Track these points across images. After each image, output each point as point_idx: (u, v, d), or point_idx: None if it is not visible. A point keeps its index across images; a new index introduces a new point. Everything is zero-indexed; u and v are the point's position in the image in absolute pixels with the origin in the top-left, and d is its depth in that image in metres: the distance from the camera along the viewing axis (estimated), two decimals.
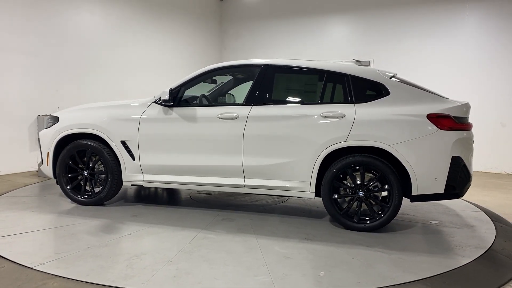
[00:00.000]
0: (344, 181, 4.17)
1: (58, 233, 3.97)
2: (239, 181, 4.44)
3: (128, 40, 8.89)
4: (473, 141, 4.14)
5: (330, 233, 4.07)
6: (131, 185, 4.85)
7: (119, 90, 8.44)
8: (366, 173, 4.09)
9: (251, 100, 4.46)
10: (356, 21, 9.53)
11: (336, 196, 4.17)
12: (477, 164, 8.15)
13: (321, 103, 4.30)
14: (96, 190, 4.94)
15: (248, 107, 4.42)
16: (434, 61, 8.57)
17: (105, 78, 8.41)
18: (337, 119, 4.12)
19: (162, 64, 9.61)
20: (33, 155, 7.28)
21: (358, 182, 4.09)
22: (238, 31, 11.10)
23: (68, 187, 4.97)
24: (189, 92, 4.90)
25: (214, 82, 5.25)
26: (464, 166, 3.96)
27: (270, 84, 4.48)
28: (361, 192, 4.09)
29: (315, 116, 4.20)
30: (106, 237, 3.88)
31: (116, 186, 4.87)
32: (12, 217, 4.43)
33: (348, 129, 4.07)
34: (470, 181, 4.09)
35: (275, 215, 4.72)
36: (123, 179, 4.84)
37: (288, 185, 4.31)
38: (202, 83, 4.92)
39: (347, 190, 4.15)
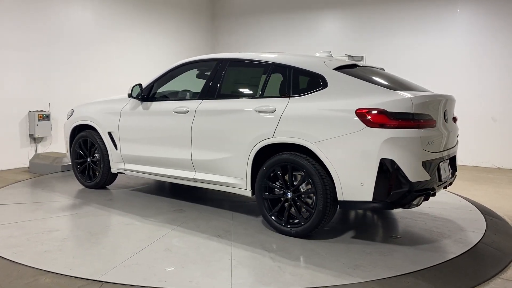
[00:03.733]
0: (278, 181, 3.84)
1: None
2: (191, 174, 4.50)
3: (120, 36, 8.82)
4: (428, 142, 3.46)
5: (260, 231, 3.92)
6: (117, 172, 5.29)
7: (111, 86, 8.37)
8: (297, 174, 3.74)
9: (203, 94, 4.47)
10: (349, 17, 9.54)
11: (266, 195, 3.88)
12: (468, 159, 8.26)
13: (261, 96, 4.05)
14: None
15: (198, 102, 4.44)
16: (426, 56, 8.60)
17: (97, 74, 8.34)
18: (267, 114, 3.86)
19: (154, 60, 9.54)
20: (25, 151, 7.22)
21: (290, 183, 3.77)
22: (231, 26, 11.06)
23: (78, 172, 5.61)
24: (171, 88, 5.00)
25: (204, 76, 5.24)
26: (399, 170, 3.29)
27: (221, 78, 4.39)
28: (289, 193, 3.77)
29: (250, 111, 3.98)
30: (48, 215, 4.42)
31: (108, 172, 5.34)
32: None
33: (275, 125, 3.77)
34: (414, 189, 3.35)
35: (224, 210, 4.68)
36: (111, 167, 5.29)
37: (229, 181, 4.18)
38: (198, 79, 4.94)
39: (277, 190, 3.84)
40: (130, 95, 4.95)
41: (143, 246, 3.52)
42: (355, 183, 3.40)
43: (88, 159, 5.49)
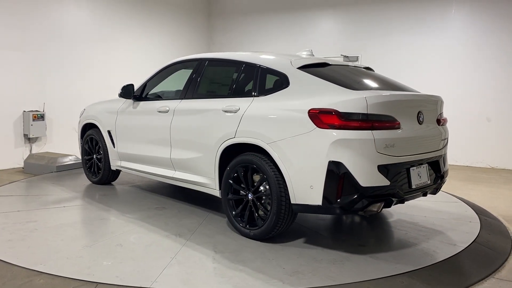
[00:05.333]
0: (242, 182, 3.77)
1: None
2: (171, 173, 4.55)
3: (116, 35, 8.79)
4: (387, 144, 3.21)
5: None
6: (116, 169, 5.47)
7: (106, 86, 8.34)
8: (258, 175, 3.65)
9: (183, 94, 4.51)
10: (345, 17, 9.55)
11: (230, 196, 3.81)
12: (462, 159, 8.31)
13: (231, 96, 4.03)
14: None
15: (178, 101, 4.48)
16: (422, 56, 8.63)
17: (92, 73, 8.31)
18: (231, 114, 3.82)
19: (150, 59, 9.51)
20: (19, 152, 7.18)
21: (255, 184, 3.68)
22: (227, 26, 11.05)
23: (87, 168, 5.85)
24: (164, 87, 5.08)
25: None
26: (348, 174, 3.11)
27: (199, 78, 4.42)
28: (250, 195, 3.68)
29: (218, 110, 3.95)
30: (38, 206, 4.69)
31: (109, 169, 5.54)
32: None
33: (236, 125, 3.73)
34: (366, 195, 3.14)
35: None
36: (111, 164, 5.47)
37: (201, 180, 4.18)
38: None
39: (240, 191, 3.77)
40: (120, 95, 5.12)
41: (99, 240, 3.66)
42: (305, 186, 3.28)
43: (94, 156, 5.72)
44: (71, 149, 7.65)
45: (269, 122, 3.52)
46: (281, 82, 3.67)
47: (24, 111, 7.18)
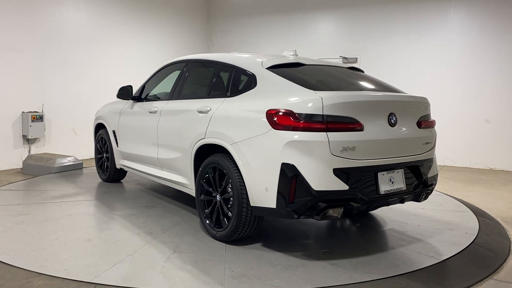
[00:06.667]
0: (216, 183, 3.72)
1: None
2: (159, 172, 4.63)
3: (115, 36, 8.79)
4: (346, 147, 3.05)
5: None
6: (119, 167, 5.63)
7: (105, 87, 8.34)
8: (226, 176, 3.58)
9: (170, 95, 4.58)
10: (343, 18, 9.56)
11: (201, 197, 3.78)
12: (461, 160, 8.32)
13: (208, 97, 4.01)
14: None
15: (165, 102, 4.55)
16: (420, 57, 8.64)
17: (90, 74, 8.30)
18: (203, 114, 3.80)
19: (149, 60, 9.51)
20: (18, 153, 7.17)
21: (219, 185, 3.64)
22: (226, 27, 11.05)
23: (98, 167, 6.08)
24: (163, 89, 5.14)
25: None
26: (300, 177, 2.99)
27: (184, 79, 4.50)
28: (218, 196, 3.63)
29: (194, 111, 3.95)
30: (38, 200, 4.96)
31: (115, 168, 5.73)
32: None
33: (206, 125, 3.72)
34: (320, 199, 3.00)
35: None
36: (116, 162, 5.65)
37: (181, 180, 4.20)
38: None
39: (211, 192, 3.72)
40: (117, 96, 5.26)
41: (72, 235, 3.79)
42: (261, 188, 3.20)
43: (104, 155, 5.94)
44: (69, 150, 7.65)
45: (233, 122, 3.48)
46: (250, 82, 3.62)
47: (23, 112, 7.18)
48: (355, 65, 7.18)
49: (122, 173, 5.87)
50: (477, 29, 8.17)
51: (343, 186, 3.04)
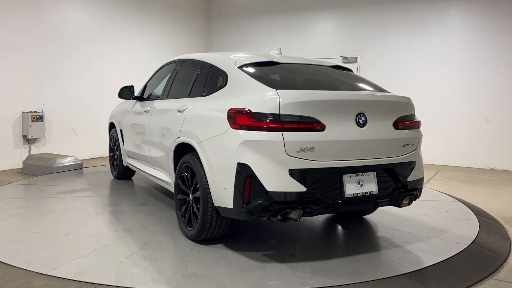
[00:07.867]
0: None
1: None
2: (151, 170, 4.72)
3: (114, 36, 8.79)
4: (303, 147, 2.94)
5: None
6: (126, 165, 5.78)
7: (106, 87, 8.35)
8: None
9: (161, 94, 4.68)
10: (344, 18, 9.56)
11: (179, 196, 3.76)
12: (461, 159, 8.32)
13: (190, 96, 3.99)
14: None
15: (157, 102, 4.64)
16: (420, 57, 8.64)
17: (90, 74, 8.30)
18: (180, 114, 3.82)
19: (149, 60, 9.51)
20: (18, 153, 7.17)
21: (190, 185, 3.60)
22: (226, 27, 11.05)
23: (111, 164, 6.32)
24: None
25: None
26: (254, 177, 2.93)
27: (173, 79, 4.57)
28: (190, 195, 3.58)
29: (174, 110, 3.97)
30: (43, 195, 5.20)
31: (122, 165, 5.89)
32: None
33: (181, 124, 3.73)
34: (273, 200, 2.92)
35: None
36: (123, 160, 5.83)
37: (166, 179, 4.24)
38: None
39: (186, 191, 3.67)
40: (118, 96, 5.34)
41: (54, 228, 3.90)
42: (221, 188, 3.15)
43: (115, 153, 6.12)
44: (69, 150, 7.65)
45: (201, 121, 3.49)
46: (222, 81, 3.61)
47: (23, 112, 7.18)
48: (348, 65, 7.22)
49: (130, 171, 5.96)
50: (477, 29, 8.17)
51: (300, 188, 2.95)
